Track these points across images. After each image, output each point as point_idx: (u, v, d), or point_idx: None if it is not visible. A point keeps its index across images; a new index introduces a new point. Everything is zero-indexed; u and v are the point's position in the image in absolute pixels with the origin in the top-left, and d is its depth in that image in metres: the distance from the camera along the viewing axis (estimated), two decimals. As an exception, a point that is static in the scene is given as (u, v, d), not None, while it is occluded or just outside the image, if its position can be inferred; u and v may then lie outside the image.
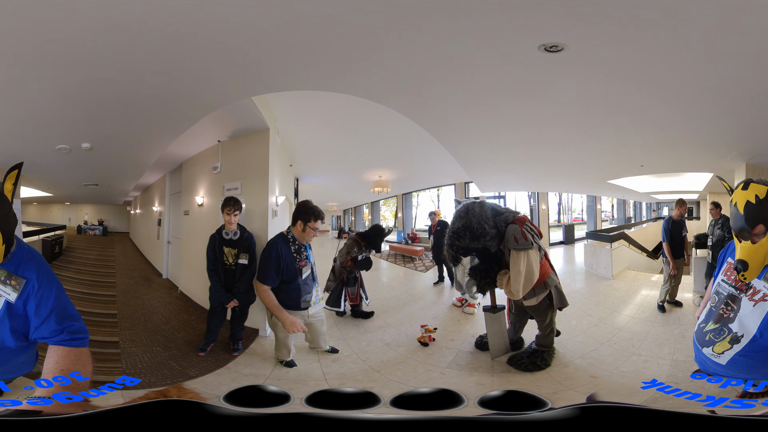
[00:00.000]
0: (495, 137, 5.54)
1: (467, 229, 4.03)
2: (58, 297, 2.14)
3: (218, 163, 5.63)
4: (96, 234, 8.30)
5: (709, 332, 2.65)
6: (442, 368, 4.34)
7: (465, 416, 1.38)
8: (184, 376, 4.19)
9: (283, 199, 5.73)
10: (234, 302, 4.55)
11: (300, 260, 4.22)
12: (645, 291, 6.33)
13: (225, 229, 4.63)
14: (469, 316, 5.69)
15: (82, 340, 2.13)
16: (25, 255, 2.13)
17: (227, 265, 4.61)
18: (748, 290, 2.52)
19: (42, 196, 7.49)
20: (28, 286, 2.06)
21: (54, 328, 2.07)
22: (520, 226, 4.04)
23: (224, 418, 1.31)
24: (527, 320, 4.63)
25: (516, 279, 4.01)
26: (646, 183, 7.77)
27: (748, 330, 2.46)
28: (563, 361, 4.33)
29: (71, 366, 2.01)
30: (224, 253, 4.62)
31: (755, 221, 2.47)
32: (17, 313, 2.06)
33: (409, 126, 5.17)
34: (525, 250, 4.00)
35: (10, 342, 2.08)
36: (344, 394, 3.18)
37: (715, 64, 3.36)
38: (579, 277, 7.20)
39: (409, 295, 6.73)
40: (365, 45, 3.37)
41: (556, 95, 4.24)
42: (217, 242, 4.62)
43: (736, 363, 2.51)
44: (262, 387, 2.81)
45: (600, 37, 3.09)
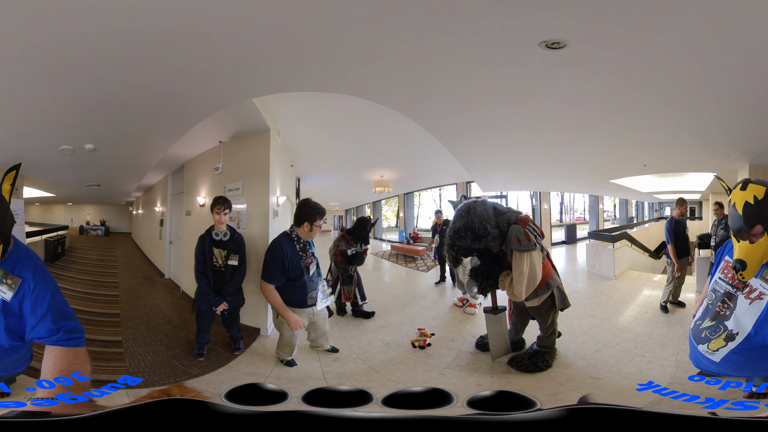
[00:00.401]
0: (496, 136, 5.54)
1: (469, 228, 3.99)
2: (54, 296, 2.15)
3: (220, 164, 5.64)
4: (98, 234, 8.30)
5: (705, 329, 2.70)
6: (441, 368, 4.33)
7: (451, 416, 1.37)
8: (186, 375, 4.21)
9: (284, 200, 5.76)
10: (224, 305, 4.48)
11: (306, 258, 4.27)
12: (647, 291, 6.31)
13: (215, 230, 4.58)
14: (470, 316, 5.69)
15: (78, 340, 2.14)
16: (22, 255, 2.14)
17: (216, 267, 4.56)
18: (744, 288, 2.56)
19: (44, 196, 7.50)
20: (23, 286, 2.08)
21: (50, 327, 2.08)
22: (523, 226, 4.01)
23: (225, 416, 1.32)
24: (528, 321, 4.60)
25: (519, 281, 3.98)
26: (649, 183, 7.75)
27: (743, 328, 2.51)
28: (564, 362, 4.32)
29: (69, 366, 2.02)
30: (214, 254, 4.56)
31: (753, 222, 2.50)
32: (12, 312, 2.08)
33: (410, 125, 5.18)
34: (528, 252, 3.97)
35: (4, 341, 2.11)
36: (339, 392, 3.20)
37: (719, 63, 3.36)
38: (581, 277, 7.18)
39: (411, 295, 6.75)
40: (364, 45, 3.38)
41: (558, 93, 4.24)
42: (207, 243, 4.56)
43: (729, 360, 2.56)
44: (261, 385, 2.83)
45: (603, 35, 3.08)
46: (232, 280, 4.56)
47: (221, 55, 3.51)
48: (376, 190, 7.56)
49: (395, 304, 6.22)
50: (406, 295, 6.67)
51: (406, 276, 7.81)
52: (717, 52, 3.19)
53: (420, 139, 5.74)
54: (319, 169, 7.72)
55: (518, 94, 4.31)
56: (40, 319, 2.08)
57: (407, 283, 7.48)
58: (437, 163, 6.91)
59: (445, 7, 2.84)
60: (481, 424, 1.31)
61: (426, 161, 7.10)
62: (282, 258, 4.14)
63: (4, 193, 2.13)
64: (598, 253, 7.22)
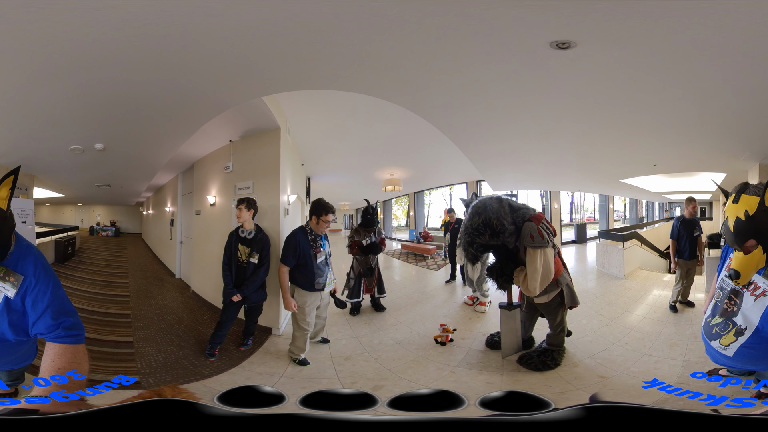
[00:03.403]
0: (506, 135, 5.54)
1: (487, 225, 4.03)
2: (55, 293, 2.14)
3: (230, 163, 5.68)
4: (108, 235, 8.34)
5: (715, 326, 2.76)
6: (452, 366, 4.34)
7: (467, 417, 1.38)
8: (198, 375, 4.21)
9: (295, 198, 5.80)
10: (237, 296, 4.66)
11: (315, 247, 4.64)
12: (657, 291, 6.29)
13: (242, 228, 4.83)
14: (480, 314, 5.68)
15: (77, 337, 2.14)
16: (24, 252, 2.14)
17: (240, 262, 4.78)
18: (749, 285, 2.62)
19: (55, 197, 7.54)
20: (25, 283, 2.09)
21: (50, 323, 2.08)
22: (537, 223, 4.03)
23: (215, 418, 1.31)
24: (537, 318, 4.62)
25: (533, 277, 4.01)
26: (659, 183, 7.73)
27: (750, 323, 2.57)
28: (573, 361, 4.32)
29: (67, 364, 2.03)
30: (239, 250, 4.78)
31: (745, 237, 2.55)
32: (15, 309, 2.09)
33: (420, 125, 5.20)
34: (541, 248, 4.00)
35: (9, 335, 2.12)
36: (341, 395, 3.19)
37: (730, 62, 3.35)
38: (590, 276, 7.17)
39: (422, 293, 6.74)
40: (375, 43, 3.38)
41: (568, 93, 4.24)
42: (234, 239, 4.83)
43: (742, 355, 2.61)
44: (257, 387, 2.82)
45: (612, 35, 3.08)
46: (252, 276, 4.76)
47: (231, 54, 3.53)
48: (386, 189, 7.56)
49: (406, 302, 6.22)
50: (417, 294, 6.67)
51: (417, 275, 7.82)
52: (727, 51, 3.18)
53: (430, 137, 5.75)
54: (329, 168, 7.74)
55: (528, 94, 4.32)
56: (40, 314, 2.09)
57: (418, 282, 7.48)
58: (447, 161, 6.91)
59: (457, 7, 2.85)
60: (502, 425, 1.32)
61: (436, 160, 7.09)
62: (295, 245, 4.55)
63: (0, 200, 2.11)
64: (608, 253, 7.21)
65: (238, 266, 4.77)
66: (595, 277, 7.10)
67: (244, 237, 4.79)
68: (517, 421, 1.32)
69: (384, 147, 6.86)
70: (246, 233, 4.80)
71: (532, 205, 4.34)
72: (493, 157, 6.31)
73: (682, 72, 3.59)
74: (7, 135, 4.63)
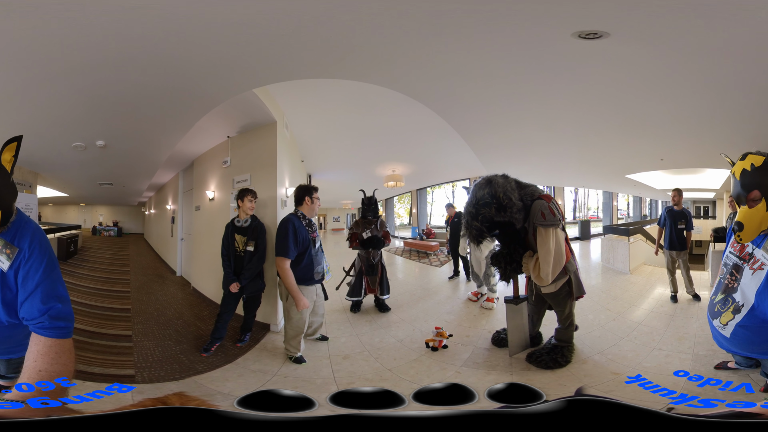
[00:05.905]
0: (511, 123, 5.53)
1: (493, 197, 3.66)
2: (48, 272, 2.07)
3: (228, 158, 5.72)
4: (111, 235, 8.38)
5: (717, 303, 2.82)
6: (457, 366, 4.19)
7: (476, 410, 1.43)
8: (192, 371, 4.16)
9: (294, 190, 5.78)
10: (236, 285, 4.68)
11: (311, 232, 4.58)
12: (662, 286, 6.20)
13: (237, 218, 4.86)
14: (486, 311, 5.58)
15: (63, 330, 2.04)
16: (22, 225, 2.10)
17: (237, 252, 4.82)
18: (750, 259, 2.66)
19: (58, 196, 7.57)
20: (20, 256, 2.03)
21: (38, 306, 2.00)
22: (548, 201, 3.80)
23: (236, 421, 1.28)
24: (545, 311, 4.42)
25: (545, 260, 3.74)
26: (664, 179, 7.66)
27: (747, 299, 2.62)
28: (581, 357, 4.20)
29: (50, 366, 1.94)
30: (235, 240, 4.83)
31: (750, 187, 2.64)
32: (9, 285, 2.03)
33: (422, 118, 5.20)
34: (554, 227, 3.75)
35: (2, 316, 2.06)
36: (363, 393, 3.16)
37: (745, 59, 3.38)
38: (596, 271, 7.13)
39: (424, 290, 6.67)
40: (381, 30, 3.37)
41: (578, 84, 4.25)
42: (230, 230, 4.87)
43: (737, 335, 2.67)
44: (276, 391, 2.79)
45: (652, 29, 3.10)
46: (249, 264, 4.76)
47: (215, 50, 3.62)
48: (388, 185, 7.49)
49: (408, 299, 6.13)
50: (419, 290, 6.60)
51: (420, 271, 7.76)
52: (745, 48, 3.23)
53: (433, 132, 5.74)
54: (329, 165, 7.72)
55: (538, 84, 4.31)
56: (29, 293, 2.01)
57: (420, 279, 7.41)
58: (450, 157, 6.86)
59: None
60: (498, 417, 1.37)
61: (439, 155, 7.06)
62: (294, 231, 4.36)
63: (4, 162, 2.11)
64: (613, 248, 7.18)
65: (236, 256, 4.79)
66: (600, 273, 7.06)
67: (240, 226, 4.84)
68: (507, 414, 1.44)
69: (384, 141, 6.84)
70: (241, 222, 4.84)
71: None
72: (497, 148, 6.27)
73: (699, 66, 3.61)
74: (13, 133, 4.66)
